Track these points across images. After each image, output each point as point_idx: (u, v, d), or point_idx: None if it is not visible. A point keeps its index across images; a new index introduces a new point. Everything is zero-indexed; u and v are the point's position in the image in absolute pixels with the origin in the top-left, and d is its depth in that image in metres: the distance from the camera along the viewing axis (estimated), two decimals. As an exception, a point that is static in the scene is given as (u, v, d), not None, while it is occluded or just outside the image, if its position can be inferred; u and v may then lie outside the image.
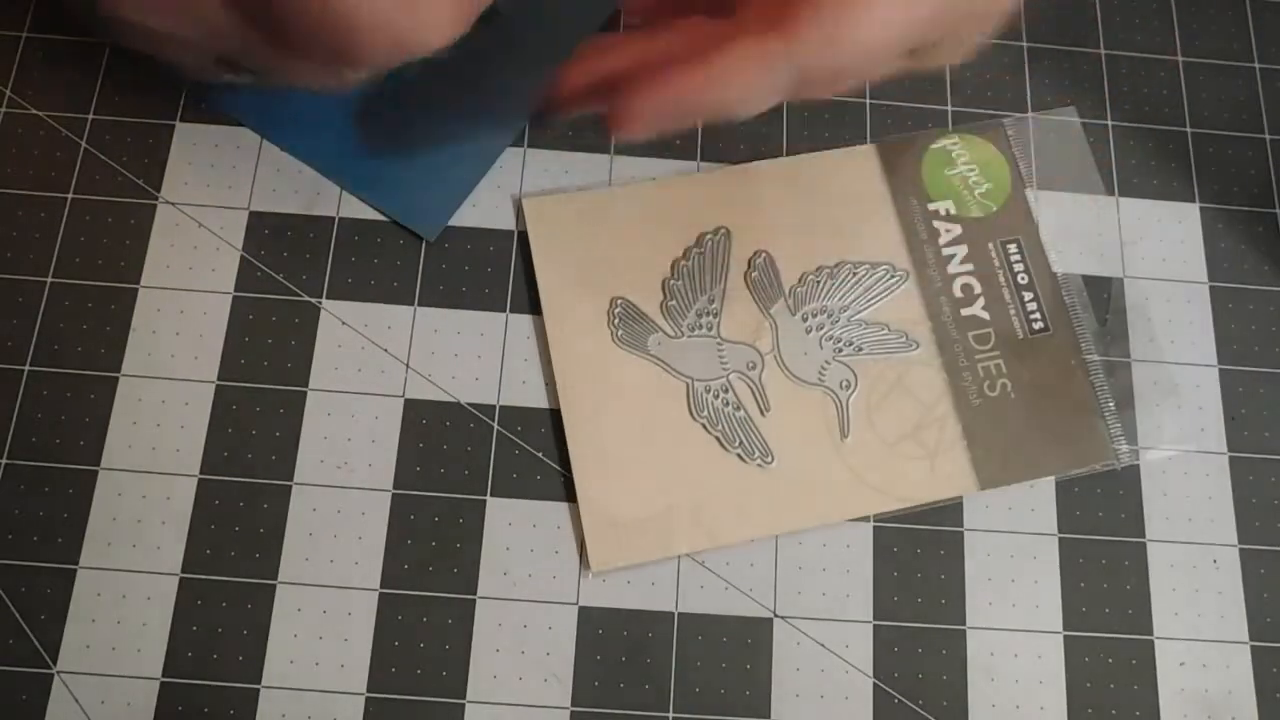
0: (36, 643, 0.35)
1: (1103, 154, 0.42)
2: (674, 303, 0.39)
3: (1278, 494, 0.38)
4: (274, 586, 0.36)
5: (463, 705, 0.35)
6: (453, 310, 0.39)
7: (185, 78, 0.38)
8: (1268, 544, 0.38)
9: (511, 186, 0.40)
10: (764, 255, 0.39)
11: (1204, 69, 0.44)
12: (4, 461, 0.36)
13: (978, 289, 0.39)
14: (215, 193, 0.40)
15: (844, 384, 0.38)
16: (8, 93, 0.41)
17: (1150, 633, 0.36)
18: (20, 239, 0.39)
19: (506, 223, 0.40)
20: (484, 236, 0.40)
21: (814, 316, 0.39)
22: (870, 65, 0.28)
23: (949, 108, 0.42)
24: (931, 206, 0.40)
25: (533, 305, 0.39)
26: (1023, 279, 0.40)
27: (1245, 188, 0.42)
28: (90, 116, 0.40)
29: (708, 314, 0.39)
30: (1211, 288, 0.41)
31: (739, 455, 0.37)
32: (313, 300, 0.39)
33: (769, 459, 0.37)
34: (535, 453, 0.37)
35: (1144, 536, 0.37)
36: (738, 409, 0.38)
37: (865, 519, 0.37)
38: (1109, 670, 0.36)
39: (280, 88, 0.34)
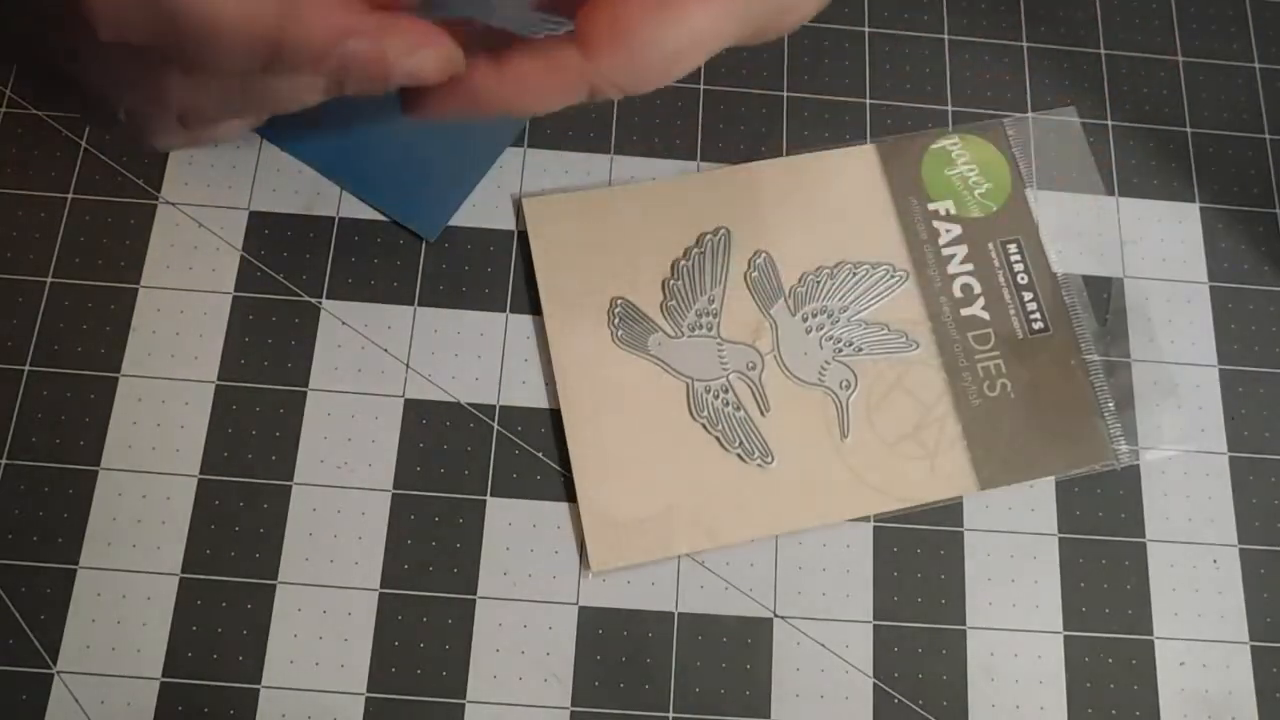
0: (36, 643, 0.35)
1: (1103, 154, 0.42)
2: (674, 303, 0.39)
3: (1278, 494, 0.38)
4: (274, 586, 0.36)
5: (463, 705, 0.35)
6: (453, 310, 0.39)
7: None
8: (1268, 544, 0.38)
9: (511, 186, 0.40)
10: (764, 255, 0.39)
11: (1204, 69, 0.44)
12: (4, 461, 0.36)
13: (978, 289, 0.39)
14: (215, 193, 0.40)
15: (844, 384, 0.38)
16: (8, 93, 0.41)
17: (1150, 633, 0.36)
18: (20, 239, 0.39)
19: (506, 223, 0.40)
20: (484, 236, 0.40)
21: (814, 316, 0.39)
22: (678, 69, 0.27)
23: (949, 108, 0.42)
24: (931, 206, 0.40)
25: (533, 305, 0.39)
26: (1023, 279, 0.40)
27: (1245, 188, 0.42)
28: (90, 116, 0.40)
29: (708, 314, 0.39)
30: (1211, 288, 0.41)
31: (739, 455, 0.37)
32: (313, 300, 0.39)
33: (769, 459, 0.37)
34: (535, 453, 0.37)
35: (1144, 536, 0.37)
36: (738, 409, 0.38)
37: (865, 519, 0.37)
38: (1109, 670, 0.36)
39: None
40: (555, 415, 0.38)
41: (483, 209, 0.40)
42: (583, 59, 0.26)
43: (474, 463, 0.37)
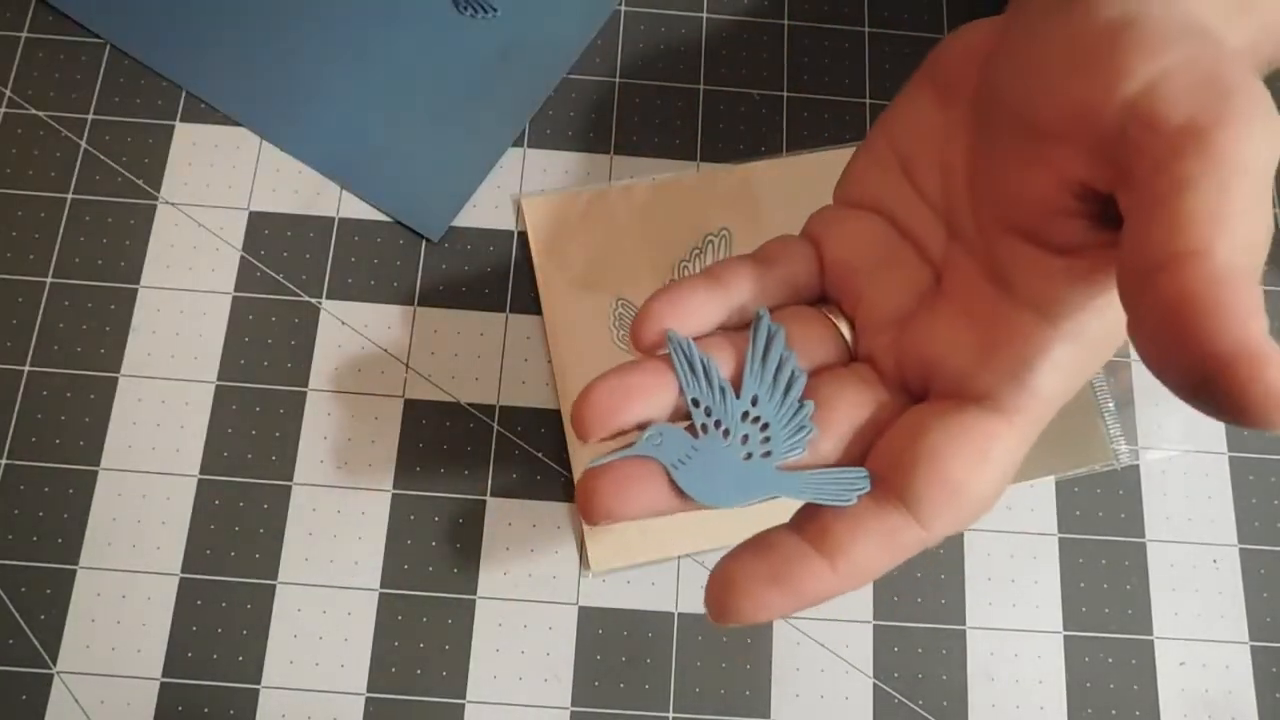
0: (36, 643, 0.35)
1: (1103, 154, 0.42)
2: (674, 303, 0.39)
3: (1278, 494, 0.38)
4: (274, 586, 0.36)
5: (462, 705, 0.35)
6: (453, 310, 0.39)
7: None
8: (1268, 544, 0.38)
9: (511, 186, 0.40)
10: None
11: (1204, 69, 0.43)
12: (4, 461, 0.36)
13: (978, 289, 0.39)
14: (215, 193, 0.40)
15: (844, 384, 0.38)
16: (7, 93, 0.41)
17: (1150, 633, 0.36)
18: (20, 239, 0.39)
19: (506, 223, 0.40)
20: (484, 236, 0.40)
21: (814, 316, 0.39)
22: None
23: (949, 108, 0.42)
24: (931, 206, 0.40)
25: (533, 305, 0.39)
26: (1023, 279, 0.40)
27: (1245, 188, 0.42)
28: (90, 116, 0.40)
29: (708, 314, 0.39)
30: (1211, 288, 0.40)
31: (739, 455, 0.37)
32: (313, 300, 0.39)
33: (769, 459, 0.37)
34: (535, 453, 0.37)
35: (1144, 536, 0.37)
36: (738, 409, 0.37)
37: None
38: (1109, 670, 0.36)
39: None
40: (555, 415, 0.38)
41: (483, 209, 0.40)
42: (921, 529, 0.23)
43: (474, 463, 0.37)
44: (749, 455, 0.24)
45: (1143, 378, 0.39)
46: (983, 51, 0.25)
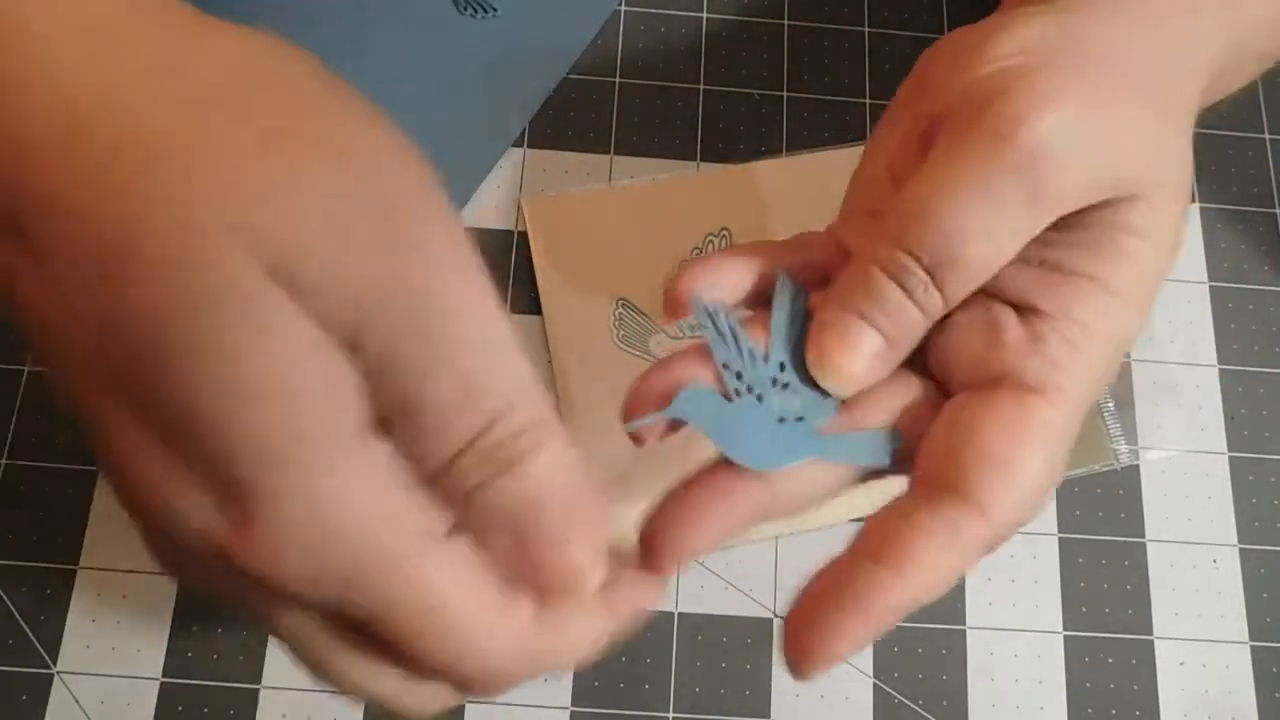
0: (36, 643, 0.35)
1: (1103, 154, 0.42)
2: (674, 303, 0.39)
3: (1278, 494, 0.38)
4: (274, 586, 0.36)
5: (462, 705, 0.35)
6: (453, 310, 0.39)
7: None
8: (1268, 544, 0.38)
9: (511, 186, 0.40)
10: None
11: (1204, 69, 0.44)
12: (4, 461, 0.36)
13: (978, 289, 0.39)
14: (215, 193, 0.40)
15: (844, 384, 0.38)
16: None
17: (1150, 633, 0.36)
18: (20, 239, 0.39)
19: (506, 223, 0.40)
20: (484, 236, 0.40)
21: (814, 316, 0.39)
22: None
23: (949, 108, 0.42)
24: (931, 206, 0.40)
25: (533, 306, 0.39)
26: (1023, 279, 0.40)
27: (1245, 188, 0.42)
28: (90, 116, 0.40)
29: (708, 314, 0.39)
30: (1211, 288, 0.41)
31: (739, 455, 0.37)
32: (313, 300, 0.39)
33: (769, 459, 0.37)
34: (535, 453, 0.37)
35: (1144, 536, 0.37)
36: (738, 409, 0.37)
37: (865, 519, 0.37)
38: (1109, 670, 0.36)
39: None
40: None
41: (483, 209, 0.40)
42: (980, 518, 0.23)
43: (474, 463, 0.37)
44: (783, 418, 0.24)
45: (1143, 378, 0.39)
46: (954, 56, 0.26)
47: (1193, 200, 0.42)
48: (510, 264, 0.39)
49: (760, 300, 0.26)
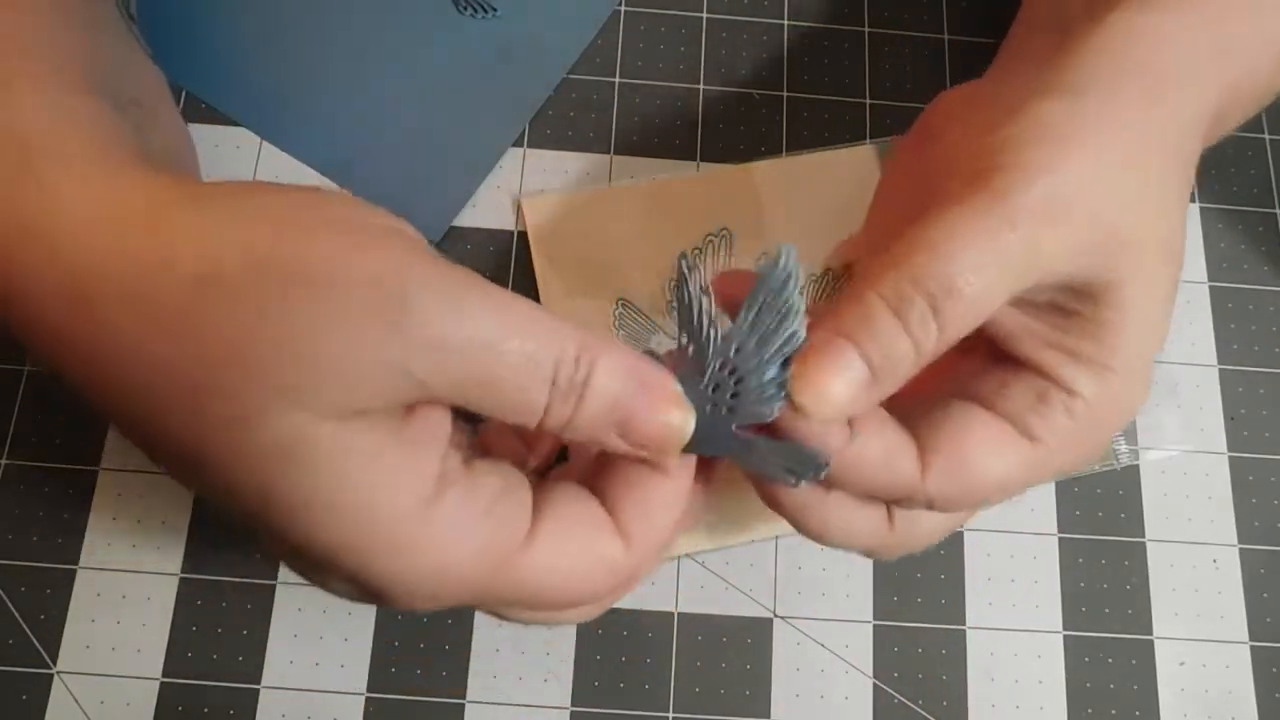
0: (36, 643, 0.35)
1: (1103, 154, 0.42)
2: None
3: (1278, 494, 0.38)
4: (274, 586, 0.36)
5: (462, 705, 0.35)
6: (453, 310, 0.39)
7: None
8: (1268, 544, 0.38)
9: (511, 186, 0.40)
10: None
11: (1204, 69, 0.43)
12: (4, 461, 0.36)
13: (978, 289, 0.39)
14: (215, 193, 0.40)
15: (844, 384, 0.38)
16: (8, 93, 0.40)
17: (1150, 633, 0.36)
18: (20, 239, 0.39)
19: (506, 223, 0.40)
20: (484, 236, 0.40)
21: (814, 316, 0.39)
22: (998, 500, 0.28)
23: (949, 108, 0.42)
24: (931, 206, 0.40)
25: (533, 305, 0.39)
26: (1023, 279, 0.40)
27: (1245, 188, 0.42)
28: (90, 116, 0.40)
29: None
30: (1211, 288, 0.41)
31: (739, 455, 0.37)
32: (313, 300, 0.39)
33: (769, 459, 0.37)
34: (535, 453, 0.37)
35: (1144, 536, 0.37)
36: (738, 409, 0.37)
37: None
38: (1109, 670, 0.36)
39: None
40: (555, 415, 0.37)
41: (483, 209, 0.40)
42: (919, 472, 0.26)
43: (474, 463, 0.37)
44: (713, 407, 0.23)
45: (1143, 378, 0.39)
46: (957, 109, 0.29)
47: (1192, 200, 0.42)
48: (510, 264, 0.39)
49: None
